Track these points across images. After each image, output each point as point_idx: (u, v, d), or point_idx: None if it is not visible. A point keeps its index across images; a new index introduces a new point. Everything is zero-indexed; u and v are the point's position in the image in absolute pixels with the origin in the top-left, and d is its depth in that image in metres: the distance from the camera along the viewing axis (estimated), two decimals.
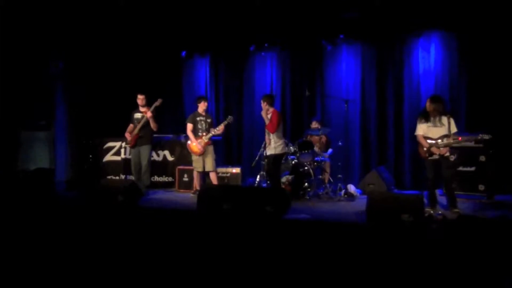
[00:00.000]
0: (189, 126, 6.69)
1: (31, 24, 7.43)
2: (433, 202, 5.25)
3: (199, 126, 6.70)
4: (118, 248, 3.97)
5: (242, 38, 8.14)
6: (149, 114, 6.65)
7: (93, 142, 8.10)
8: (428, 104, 5.31)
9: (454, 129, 5.20)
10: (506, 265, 3.18)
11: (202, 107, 6.78)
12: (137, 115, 6.91)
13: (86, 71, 8.38)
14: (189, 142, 6.73)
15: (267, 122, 6.13)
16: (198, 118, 6.72)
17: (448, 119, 5.21)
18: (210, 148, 6.68)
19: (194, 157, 6.71)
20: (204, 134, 6.65)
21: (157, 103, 6.73)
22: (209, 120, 6.80)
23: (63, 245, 4.03)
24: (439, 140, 5.18)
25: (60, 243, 4.08)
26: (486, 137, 5.02)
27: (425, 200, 4.85)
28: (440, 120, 5.22)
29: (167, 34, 8.21)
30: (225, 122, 6.65)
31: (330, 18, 7.29)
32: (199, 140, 6.60)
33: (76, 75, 8.34)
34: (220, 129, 6.66)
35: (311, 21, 7.38)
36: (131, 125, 6.93)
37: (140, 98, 6.85)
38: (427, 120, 5.28)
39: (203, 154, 6.61)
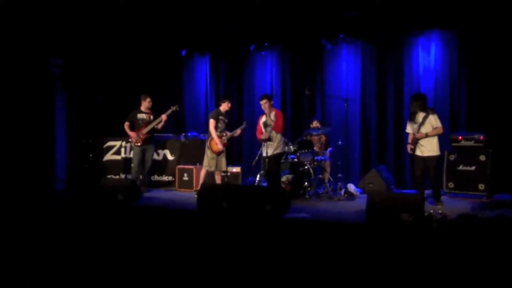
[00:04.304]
0: (213, 122, 6.43)
1: (31, 22, 7.42)
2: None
3: (219, 125, 6.53)
4: (117, 247, 3.97)
5: (242, 37, 8.11)
6: (165, 117, 6.93)
7: (93, 141, 8.09)
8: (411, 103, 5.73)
9: (435, 124, 5.46)
10: (505, 264, 3.18)
11: (225, 107, 6.62)
12: (142, 116, 7.11)
13: (86, 70, 8.38)
14: (212, 138, 6.42)
15: (272, 124, 6.05)
16: (220, 117, 6.56)
17: (427, 115, 5.45)
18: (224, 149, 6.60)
19: (209, 156, 6.43)
20: (224, 134, 6.57)
21: (174, 108, 7.06)
22: (226, 121, 6.72)
23: (63, 244, 4.03)
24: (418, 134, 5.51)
25: (59, 242, 4.09)
26: None
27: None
28: (420, 117, 5.50)
29: (167, 33, 8.19)
30: (242, 127, 6.72)
31: (330, 17, 7.26)
32: (220, 140, 6.44)
33: (76, 74, 8.33)
34: (238, 132, 6.68)
35: (311, 20, 7.36)
36: (127, 123, 7.05)
37: (149, 101, 7.12)
38: (412, 118, 5.64)
39: (220, 154, 6.50)
